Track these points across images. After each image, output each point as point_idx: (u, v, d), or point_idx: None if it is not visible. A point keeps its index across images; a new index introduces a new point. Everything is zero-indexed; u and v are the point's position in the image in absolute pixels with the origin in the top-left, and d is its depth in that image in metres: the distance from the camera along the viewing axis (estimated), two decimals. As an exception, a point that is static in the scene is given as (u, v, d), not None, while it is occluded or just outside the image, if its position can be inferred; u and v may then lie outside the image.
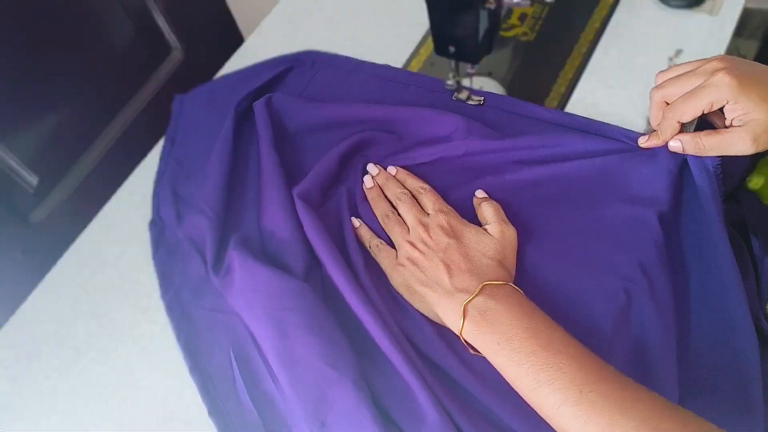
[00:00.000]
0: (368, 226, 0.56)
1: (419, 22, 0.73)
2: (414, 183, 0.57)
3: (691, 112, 0.50)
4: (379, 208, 0.56)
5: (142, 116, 0.77)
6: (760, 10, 0.84)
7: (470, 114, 0.60)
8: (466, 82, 0.60)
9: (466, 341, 0.46)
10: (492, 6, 0.49)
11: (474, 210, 0.55)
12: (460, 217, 0.53)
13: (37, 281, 0.61)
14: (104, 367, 0.55)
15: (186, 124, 0.68)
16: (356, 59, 0.69)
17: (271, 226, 0.55)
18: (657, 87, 0.54)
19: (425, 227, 0.52)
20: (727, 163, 0.51)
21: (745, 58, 0.83)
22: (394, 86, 0.65)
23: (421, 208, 0.55)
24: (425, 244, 0.51)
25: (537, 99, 0.63)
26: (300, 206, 0.55)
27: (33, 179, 0.67)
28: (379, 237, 0.55)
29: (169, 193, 0.62)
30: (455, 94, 0.62)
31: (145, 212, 0.63)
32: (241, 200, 0.60)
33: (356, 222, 0.56)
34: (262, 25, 0.78)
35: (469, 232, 0.51)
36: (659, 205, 0.51)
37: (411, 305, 0.51)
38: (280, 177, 0.57)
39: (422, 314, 0.50)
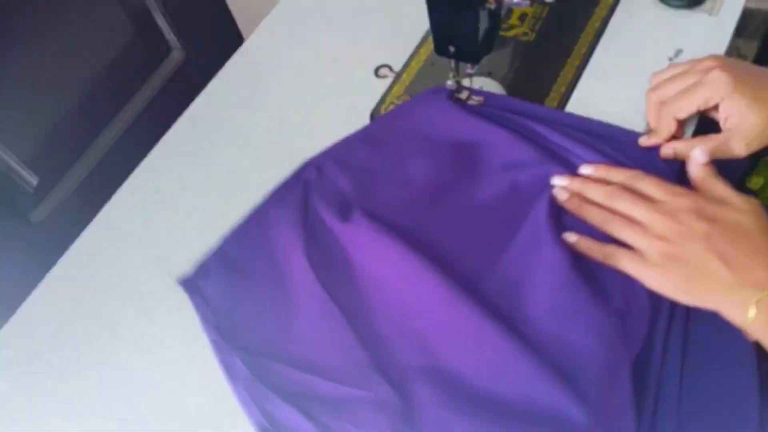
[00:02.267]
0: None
1: (419, 22, 0.73)
2: (620, 175, 0.50)
3: (686, 108, 0.50)
4: (593, 214, 0.49)
5: (142, 116, 0.77)
6: (760, 10, 0.84)
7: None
8: (466, 82, 0.60)
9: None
10: (492, 6, 0.49)
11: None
12: (704, 195, 0.47)
13: (37, 281, 0.61)
14: (104, 367, 0.54)
15: (217, 304, 0.55)
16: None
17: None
18: (653, 88, 0.54)
19: (670, 215, 0.45)
20: (725, 161, 0.51)
21: (746, 58, 0.83)
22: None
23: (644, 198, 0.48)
24: (679, 235, 0.44)
25: (537, 99, 0.62)
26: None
27: (33, 179, 0.68)
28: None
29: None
30: (455, 94, 0.62)
31: (145, 212, 0.63)
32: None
33: (573, 237, 0.49)
34: (262, 25, 0.78)
35: (725, 211, 0.45)
36: None
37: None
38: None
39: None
